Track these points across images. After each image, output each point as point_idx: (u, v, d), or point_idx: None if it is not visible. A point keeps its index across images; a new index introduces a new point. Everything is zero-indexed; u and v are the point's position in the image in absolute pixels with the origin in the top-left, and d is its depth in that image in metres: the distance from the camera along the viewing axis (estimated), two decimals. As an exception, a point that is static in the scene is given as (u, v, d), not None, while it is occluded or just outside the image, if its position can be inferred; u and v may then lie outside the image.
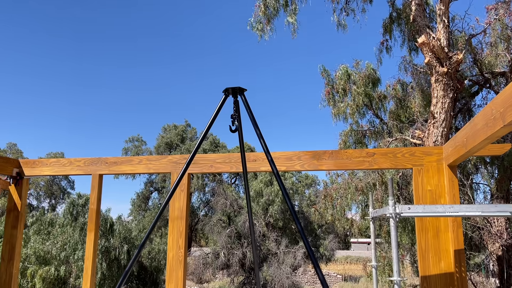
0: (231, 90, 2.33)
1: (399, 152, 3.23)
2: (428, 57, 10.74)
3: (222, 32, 60.18)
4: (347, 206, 14.65)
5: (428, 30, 11.10)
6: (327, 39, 52.82)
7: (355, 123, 17.26)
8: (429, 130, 10.78)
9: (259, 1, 13.79)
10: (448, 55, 10.66)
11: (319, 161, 3.33)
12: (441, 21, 10.99)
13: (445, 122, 10.59)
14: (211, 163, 3.53)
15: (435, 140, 10.61)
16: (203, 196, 37.98)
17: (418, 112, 12.63)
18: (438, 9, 11.13)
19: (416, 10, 11.63)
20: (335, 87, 17.89)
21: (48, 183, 45.47)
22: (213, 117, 2.26)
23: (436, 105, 10.71)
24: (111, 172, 3.70)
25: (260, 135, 2.17)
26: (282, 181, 2.48)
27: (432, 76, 10.79)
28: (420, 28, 11.50)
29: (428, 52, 10.75)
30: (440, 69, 10.60)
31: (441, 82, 10.64)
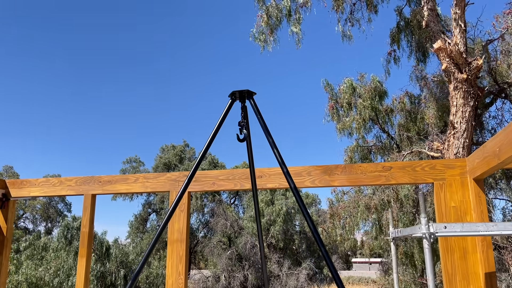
0: (238, 94, 2.08)
1: (418, 165, 2.97)
2: (446, 63, 9.85)
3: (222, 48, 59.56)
4: (356, 226, 13.56)
5: (443, 36, 10.24)
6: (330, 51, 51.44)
7: (361, 138, 16.31)
8: (449, 141, 9.82)
9: (261, 11, 12.97)
10: (467, 61, 9.77)
11: (331, 177, 3.08)
12: (457, 26, 10.13)
13: (466, 133, 9.64)
14: (213, 180, 3.30)
15: (456, 152, 9.64)
16: (202, 217, 36.74)
17: (432, 124, 11.69)
18: (453, 13, 10.29)
19: (429, 15, 10.80)
20: (339, 101, 17.02)
21: (44, 206, 44.12)
22: (218, 124, 2.00)
23: (455, 114, 9.77)
24: (105, 192, 3.48)
25: (273, 144, 1.90)
26: (301, 197, 2.15)
27: (451, 83, 9.88)
28: (434, 34, 10.63)
29: (446, 58, 9.87)
30: (459, 75, 9.70)
31: (460, 90, 9.73)
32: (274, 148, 1.91)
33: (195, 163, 1.95)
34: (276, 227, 25.92)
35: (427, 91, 12.53)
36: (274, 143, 1.93)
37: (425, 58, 14.32)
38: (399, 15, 13.42)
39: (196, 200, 35.30)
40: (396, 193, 11.18)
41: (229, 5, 55.60)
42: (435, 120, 11.75)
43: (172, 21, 57.65)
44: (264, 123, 1.99)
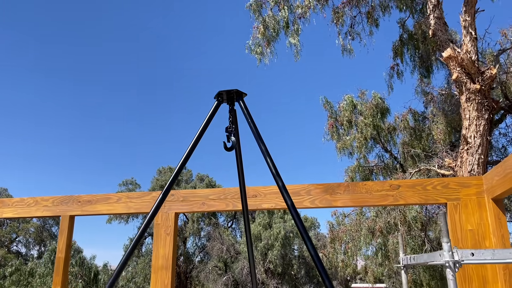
0: (225, 95, 1.82)
1: (429, 183, 2.69)
2: (456, 72, 8.96)
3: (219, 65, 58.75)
4: (359, 250, 12.43)
5: (452, 45, 9.38)
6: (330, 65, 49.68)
7: (362, 158, 15.31)
8: (462, 157, 8.83)
9: (258, 23, 12.17)
10: (480, 70, 8.88)
11: (333, 196, 2.83)
12: (468, 33, 9.29)
13: (481, 148, 8.67)
14: (203, 200, 3.07)
15: (470, 170, 8.65)
16: (199, 241, 35.41)
17: (441, 140, 10.73)
18: (462, 20, 9.46)
19: (436, 24, 9.97)
20: (339, 119, 16.10)
21: (38, 229, 42.64)
22: (200, 130, 1.71)
23: (469, 128, 8.81)
24: (84, 213, 3.25)
25: (267, 152, 1.63)
26: (299, 215, 1.52)
27: (462, 94, 8.96)
28: (442, 43, 9.79)
29: (456, 67, 8.98)
30: (472, 86, 8.79)
31: (473, 101, 8.80)
32: (267, 157, 1.64)
33: (174, 173, 1.66)
34: (274, 251, 24.65)
35: (434, 105, 11.59)
36: (267, 151, 1.67)
37: (429, 74, 13.49)
38: (402, 27, 12.64)
39: (192, 223, 34.14)
40: (404, 215, 10.11)
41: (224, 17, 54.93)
42: (443, 136, 10.78)
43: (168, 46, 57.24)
44: (256, 129, 1.74)
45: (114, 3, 52.05)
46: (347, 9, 13.03)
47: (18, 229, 41.64)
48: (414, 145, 12.91)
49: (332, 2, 12.85)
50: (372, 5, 13.35)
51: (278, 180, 1.60)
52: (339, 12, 13.18)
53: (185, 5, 53.31)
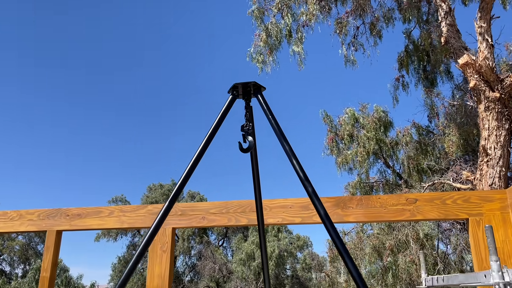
0: (241, 88, 1.64)
1: (449, 197, 2.46)
2: (474, 80, 8.36)
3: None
4: (365, 269, 11.62)
5: (467, 52, 8.82)
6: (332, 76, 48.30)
7: (364, 173, 14.61)
8: (482, 170, 8.17)
9: (260, 30, 11.55)
10: (499, 78, 8.30)
11: (345, 210, 2.56)
12: (484, 40, 8.74)
13: (502, 160, 8.02)
14: (203, 214, 2.80)
15: (491, 183, 7.98)
16: (189, 260, 34.19)
17: (453, 152, 10.09)
18: (477, 27, 8.93)
19: (449, 31, 9.43)
20: (339, 134, 15.45)
21: (23, 247, 40.99)
22: (213, 128, 1.51)
23: (488, 138, 8.18)
24: (73, 228, 2.99)
25: (292, 153, 1.42)
26: (335, 228, 1.28)
27: (481, 103, 8.35)
28: (455, 51, 9.23)
29: (474, 74, 8.39)
30: (491, 94, 8.19)
31: (493, 110, 8.19)
32: (293, 159, 1.41)
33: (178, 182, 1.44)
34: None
35: (446, 116, 10.99)
36: (292, 152, 1.44)
37: (433, 87, 12.96)
38: (407, 37, 12.11)
39: (182, 241, 33.02)
40: (416, 232, 9.36)
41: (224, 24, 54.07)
42: (456, 148, 10.14)
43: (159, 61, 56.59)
44: (279, 127, 1.52)
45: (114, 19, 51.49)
46: (350, 19, 12.51)
47: (3, 247, 39.97)
48: (419, 160, 12.25)
49: (336, 10, 12.33)
50: (375, 16, 12.86)
51: (307, 185, 1.38)
52: (342, 22, 12.65)
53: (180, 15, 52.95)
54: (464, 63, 8.49)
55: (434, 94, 11.52)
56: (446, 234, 10.39)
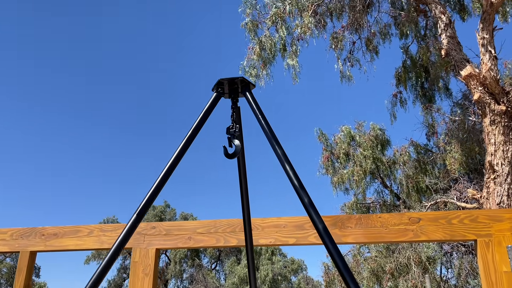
0: (227, 85, 1.49)
1: (455, 216, 2.27)
2: (478, 92, 7.84)
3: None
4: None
5: (469, 65, 8.34)
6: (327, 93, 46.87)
7: (361, 193, 13.97)
8: (489, 188, 7.57)
9: (253, 44, 11.06)
10: (505, 90, 7.79)
11: (343, 230, 2.39)
12: (486, 52, 8.26)
13: (510, 177, 7.43)
14: (190, 233, 2.60)
15: (499, 202, 7.36)
16: (181, 284, 33.05)
17: (455, 170, 9.50)
18: (480, 38, 8.46)
19: (449, 43, 8.97)
20: (335, 152, 14.88)
21: (11, 269, 39.61)
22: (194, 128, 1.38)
23: (495, 154, 7.61)
24: (48, 248, 2.77)
25: (285, 158, 1.28)
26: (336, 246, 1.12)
27: (486, 117, 7.81)
28: (456, 63, 8.75)
29: (478, 86, 7.88)
30: (497, 107, 7.66)
31: (499, 124, 7.65)
32: (287, 164, 1.26)
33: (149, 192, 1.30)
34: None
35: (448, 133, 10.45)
36: (286, 157, 1.29)
37: (432, 104, 12.47)
38: (405, 53, 11.68)
39: (174, 264, 32.07)
40: (418, 254, 8.68)
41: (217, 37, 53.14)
42: (458, 166, 9.56)
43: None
44: (270, 129, 1.36)
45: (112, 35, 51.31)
46: (346, 33, 12.09)
47: (-11, 270, 38.56)
48: (419, 179, 11.65)
49: (332, 25, 11.91)
50: (372, 31, 12.46)
51: (302, 195, 1.20)
52: (337, 37, 12.23)
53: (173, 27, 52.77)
54: (468, 75, 7.99)
55: (434, 109, 11.02)
56: (447, 257, 9.71)
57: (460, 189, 9.08)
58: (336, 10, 12.06)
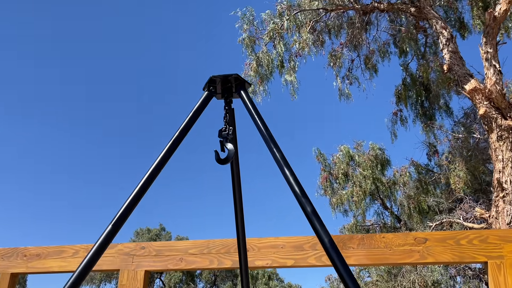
0: (220, 83, 1.39)
1: (464, 237, 2.12)
2: (484, 107, 7.49)
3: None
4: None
5: (474, 78, 8.04)
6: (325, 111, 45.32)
7: (361, 215, 13.49)
8: (498, 207, 7.13)
9: (250, 59, 10.78)
10: (511, 104, 7.45)
11: (344, 251, 2.22)
12: (491, 66, 7.96)
13: (520, 194, 7.00)
14: (181, 254, 2.44)
15: (509, 221, 6.91)
16: (175, 309, 32.05)
17: (460, 189, 9.07)
18: (483, 52, 8.18)
19: (452, 58, 8.69)
20: (334, 173, 14.46)
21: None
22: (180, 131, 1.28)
23: (503, 171, 7.20)
24: (30, 270, 2.61)
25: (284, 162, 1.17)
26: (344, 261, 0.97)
27: (492, 132, 7.44)
28: (459, 78, 8.44)
29: (483, 101, 7.54)
30: (504, 122, 7.31)
31: (506, 140, 7.28)
32: (286, 169, 1.14)
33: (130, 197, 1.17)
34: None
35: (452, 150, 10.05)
36: (285, 161, 1.18)
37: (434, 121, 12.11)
38: (405, 70, 11.40)
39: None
40: (423, 278, 8.15)
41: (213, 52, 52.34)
42: (463, 185, 9.13)
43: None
44: (268, 132, 1.26)
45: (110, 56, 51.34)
46: (345, 51, 11.84)
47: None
48: (420, 199, 11.21)
49: (330, 42, 11.67)
50: (370, 49, 12.22)
51: (304, 203, 1.07)
52: (336, 55, 11.98)
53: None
54: (472, 89, 7.65)
55: (436, 126, 10.65)
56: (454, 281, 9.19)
57: (466, 209, 8.64)
58: (334, 28, 11.85)
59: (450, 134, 9.78)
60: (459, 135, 9.69)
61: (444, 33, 9.05)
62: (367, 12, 10.83)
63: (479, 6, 10.11)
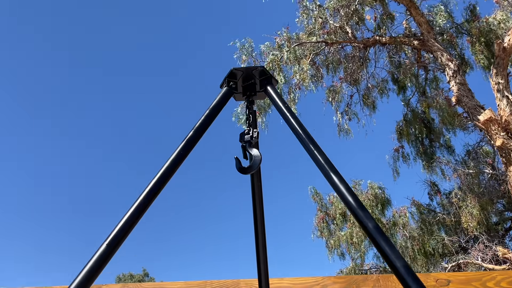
0: (241, 79, 1.23)
1: (490, 278, 1.90)
2: (501, 138, 7.00)
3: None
4: None
5: (488, 109, 7.61)
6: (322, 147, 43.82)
7: (360, 257, 12.65)
8: (523, 245, 6.47)
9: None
10: (529, 135, 6.97)
11: None
12: (503, 97, 7.58)
13: (547, 232, 6.37)
14: None
15: (537, 261, 6.24)
16: None
17: (472, 228, 8.42)
18: (494, 83, 7.82)
19: (460, 89, 8.31)
20: (330, 213, 13.72)
21: None
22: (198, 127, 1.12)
23: (526, 206, 6.61)
24: None
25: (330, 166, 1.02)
26: None
27: (511, 165, 6.91)
28: (470, 110, 8.02)
29: (500, 132, 7.07)
30: (523, 153, 6.79)
31: (527, 173, 6.73)
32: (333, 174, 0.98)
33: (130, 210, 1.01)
34: None
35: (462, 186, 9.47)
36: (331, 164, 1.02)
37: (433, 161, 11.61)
38: (406, 106, 11.01)
39: None
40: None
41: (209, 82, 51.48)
42: (476, 224, 8.46)
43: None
44: (306, 133, 1.10)
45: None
46: (344, 86, 11.47)
47: None
48: (424, 241, 10.50)
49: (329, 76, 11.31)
50: (368, 86, 11.89)
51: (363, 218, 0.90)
52: (335, 90, 11.59)
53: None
54: (488, 119, 7.19)
55: (444, 162, 10.13)
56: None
57: (481, 249, 7.94)
58: (333, 63, 11.53)
59: (460, 170, 9.24)
60: (469, 170, 9.15)
61: (451, 65, 8.72)
62: (368, 45, 10.55)
63: (481, 41, 9.91)
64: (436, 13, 9.97)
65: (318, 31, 10.96)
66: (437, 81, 10.74)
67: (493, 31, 9.88)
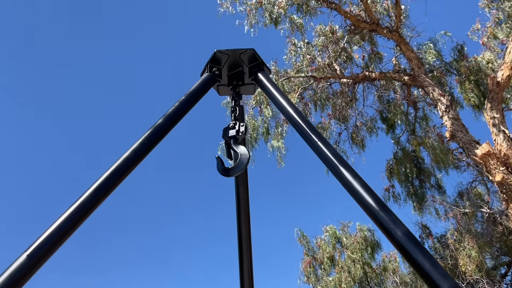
0: (227, 65, 1.09)
1: None
2: (501, 173, 6.59)
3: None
4: None
5: (485, 144, 7.24)
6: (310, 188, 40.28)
7: (351, 305, 11.78)
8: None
9: (234, 124, 9.82)
10: (531, 170, 6.56)
11: None
12: (500, 132, 7.23)
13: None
14: None
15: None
16: None
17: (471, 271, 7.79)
18: (489, 118, 7.50)
19: (454, 124, 7.97)
20: (318, 257, 12.98)
21: None
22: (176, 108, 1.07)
23: (531, 245, 6.07)
24: None
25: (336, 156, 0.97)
26: None
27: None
28: (464, 145, 7.64)
29: (499, 166, 6.66)
30: (525, 189, 6.35)
31: (531, 209, 6.25)
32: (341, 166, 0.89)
33: None
34: None
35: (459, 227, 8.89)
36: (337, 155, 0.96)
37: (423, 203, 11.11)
38: (396, 144, 10.64)
39: None
40: None
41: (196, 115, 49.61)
42: (475, 267, 7.84)
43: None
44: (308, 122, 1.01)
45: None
46: (332, 122, 11.10)
47: None
48: (418, 287, 9.79)
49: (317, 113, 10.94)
50: (357, 124, 11.56)
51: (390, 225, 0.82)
52: (323, 127, 11.21)
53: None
54: (485, 153, 6.79)
55: (438, 201, 9.62)
56: None
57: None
58: (321, 99, 11.22)
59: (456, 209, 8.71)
60: (465, 209, 8.64)
61: (443, 100, 8.44)
62: (357, 81, 10.30)
63: (471, 80, 9.74)
64: (426, 51, 9.84)
65: (306, 68, 10.72)
66: (427, 119, 10.46)
67: (482, 70, 9.74)
